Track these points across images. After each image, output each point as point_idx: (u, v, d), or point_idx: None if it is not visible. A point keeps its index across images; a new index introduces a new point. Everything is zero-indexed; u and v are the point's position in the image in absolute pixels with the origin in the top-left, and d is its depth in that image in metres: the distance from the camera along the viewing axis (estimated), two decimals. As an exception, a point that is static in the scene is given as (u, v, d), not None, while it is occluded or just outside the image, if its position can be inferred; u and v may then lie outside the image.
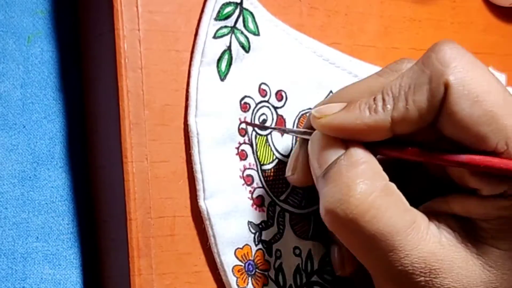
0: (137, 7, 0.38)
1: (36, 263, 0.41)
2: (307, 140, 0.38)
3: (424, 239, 0.34)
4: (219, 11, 0.40)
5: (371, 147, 0.36)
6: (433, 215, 0.36)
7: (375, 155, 0.36)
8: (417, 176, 0.40)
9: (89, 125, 0.43)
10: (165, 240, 0.38)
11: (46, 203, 0.42)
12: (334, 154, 0.36)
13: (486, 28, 0.50)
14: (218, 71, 0.40)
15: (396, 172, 0.38)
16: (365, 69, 0.44)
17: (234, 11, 0.40)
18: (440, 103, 0.34)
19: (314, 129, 0.38)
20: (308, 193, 0.42)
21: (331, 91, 0.43)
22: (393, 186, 0.35)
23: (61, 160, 0.42)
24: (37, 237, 0.41)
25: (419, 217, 0.35)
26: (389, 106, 0.35)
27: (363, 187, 0.34)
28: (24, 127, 0.42)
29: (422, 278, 0.34)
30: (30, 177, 0.42)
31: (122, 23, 0.38)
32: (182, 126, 0.39)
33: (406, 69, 0.36)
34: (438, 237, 0.35)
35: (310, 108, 0.43)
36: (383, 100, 0.35)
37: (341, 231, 0.35)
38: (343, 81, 0.43)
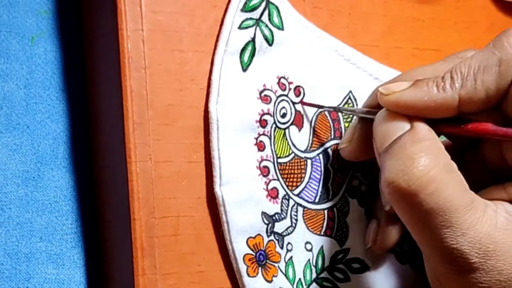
0: (140, 7, 0.38)
1: (40, 263, 0.41)
2: (367, 118, 0.39)
3: (481, 220, 0.35)
4: (245, 3, 0.40)
5: (434, 125, 0.37)
6: (490, 201, 0.36)
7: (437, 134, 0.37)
8: (472, 166, 0.40)
9: (93, 125, 0.43)
10: (169, 240, 0.38)
11: (50, 203, 0.42)
12: (399, 130, 0.37)
13: (490, 27, 0.50)
14: (241, 62, 0.40)
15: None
16: (386, 73, 0.45)
17: (260, 4, 0.41)
18: (508, 86, 0.35)
19: (376, 108, 0.39)
20: (323, 189, 0.43)
21: (350, 92, 0.44)
22: (454, 165, 0.36)
23: (64, 160, 0.42)
24: (41, 237, 0.41)
25: (477, 199, 0.35)
26: (457, 85, 0.36)
27: (427, 160, 0.35)
28: (28, 127, 0.42)
29: (476, 260, 0.34)
30: (33, 177, 0.42)
31: (126, 23, 0.38)
32: (186, 125, 0.39)
33: (475, 52, 0.37)
34: (495, 220, 0.35)
35: (329, 107, 0.43)
36: (452, 78, 0.36)
37: (401, 203, 0.35)
38: (364, 82, 0.44)
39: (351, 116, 0.44)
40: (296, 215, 0.41)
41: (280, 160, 0.41)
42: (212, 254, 0.39)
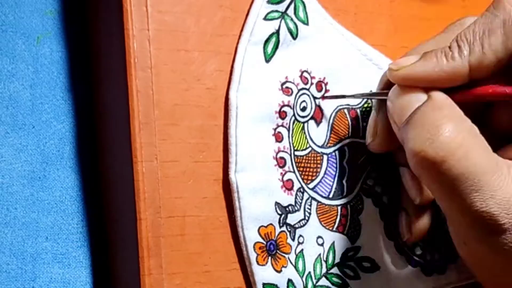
0: (146, 7, 0.38)
1: (46, 263, 0.41)
2: (383, 105, 0.40)
3: (507, 181, 0.35)
4: None
5: (448, 94, 0.37)
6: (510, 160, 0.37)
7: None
8: (483, 131, 0.40)
9: (99, 125, 0.43)
10: (175, 240, 0.38)
11: (56, 203, 0.42)
12: (416, 101, 0.37)
13: (495, 27, 0.50)
14: (264, 53, 0.41)
15: None
16: None
17: None
18: None
19: (389, 89, 0.39)
20: (337, 185, 0.43)
21: (371, 91, 0.44)
22: (476, 129, 0.36)
23: (70, 160, 0.42)
24: (47, 237, 0.41)
25: (500, 161, 0.36)
26: (465, 52, 0.37)
27: (452, 126, 0.35)
28: (34, 127, 0.42)
29: (506, 220, 0.35)
30: (39, 177, 0.42)
31: (132, 23, 0.38)
32: (192, 125, 0.39)
33: (477, 18, 0.38)
34: None
35: (348, 104, 0.43)
36: (459, 46, 0.37)
37: (430, 171, 0.35)
38: None
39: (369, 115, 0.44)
40: (310, 209, 0.42)
41: (297, 153, 0.42)
42: (218, 254, 0.39)
